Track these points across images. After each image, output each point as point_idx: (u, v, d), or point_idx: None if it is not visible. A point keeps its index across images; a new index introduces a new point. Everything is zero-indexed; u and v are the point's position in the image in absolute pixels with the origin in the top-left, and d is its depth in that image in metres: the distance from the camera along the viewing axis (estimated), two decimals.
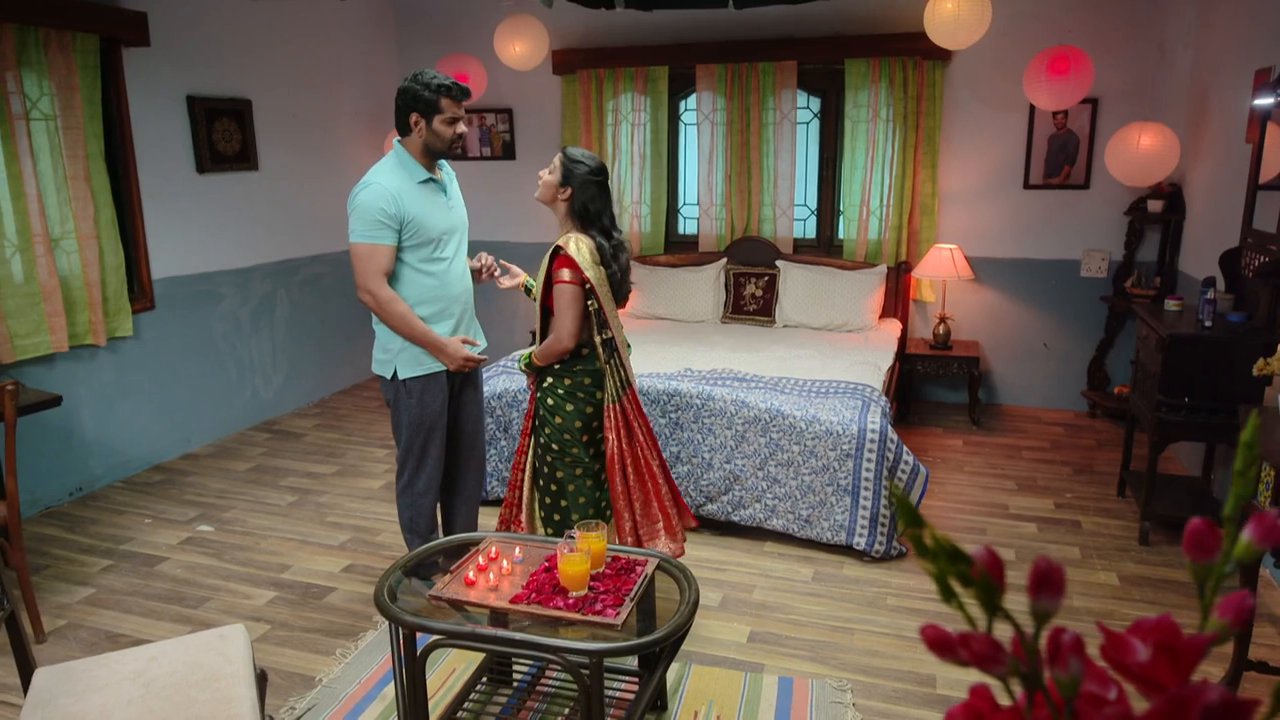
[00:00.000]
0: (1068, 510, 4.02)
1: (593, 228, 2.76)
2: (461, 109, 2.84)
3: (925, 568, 0.54)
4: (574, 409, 2.82)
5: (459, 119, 2.83)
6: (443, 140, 2.83)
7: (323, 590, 3.34)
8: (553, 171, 2.77)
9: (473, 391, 3.15)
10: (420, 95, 2.78)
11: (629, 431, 2.82)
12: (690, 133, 5.93)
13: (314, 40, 5.55)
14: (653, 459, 2.88)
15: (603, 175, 2.78)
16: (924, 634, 0.55)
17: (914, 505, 0.56)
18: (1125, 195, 5.08)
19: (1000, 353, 5.56)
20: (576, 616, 2.12)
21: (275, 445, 4.97)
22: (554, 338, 2.74)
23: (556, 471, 2.88)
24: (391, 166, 2.85)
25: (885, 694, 2.68)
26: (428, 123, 2.80)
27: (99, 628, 3.09)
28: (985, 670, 0.54)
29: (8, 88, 3.74)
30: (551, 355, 2.78)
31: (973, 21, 4.46)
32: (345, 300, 5.92)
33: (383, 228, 2.77)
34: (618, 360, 2.80)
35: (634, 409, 2.85)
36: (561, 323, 2.72)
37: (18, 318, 3.86)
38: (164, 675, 2.06)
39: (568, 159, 2.75)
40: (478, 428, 3.19)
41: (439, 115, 2.79)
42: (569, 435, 2.83)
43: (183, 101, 4.65)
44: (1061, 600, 0.54)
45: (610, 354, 2.77)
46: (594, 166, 2.75)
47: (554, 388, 2.82)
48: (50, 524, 3.94)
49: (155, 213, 4.54)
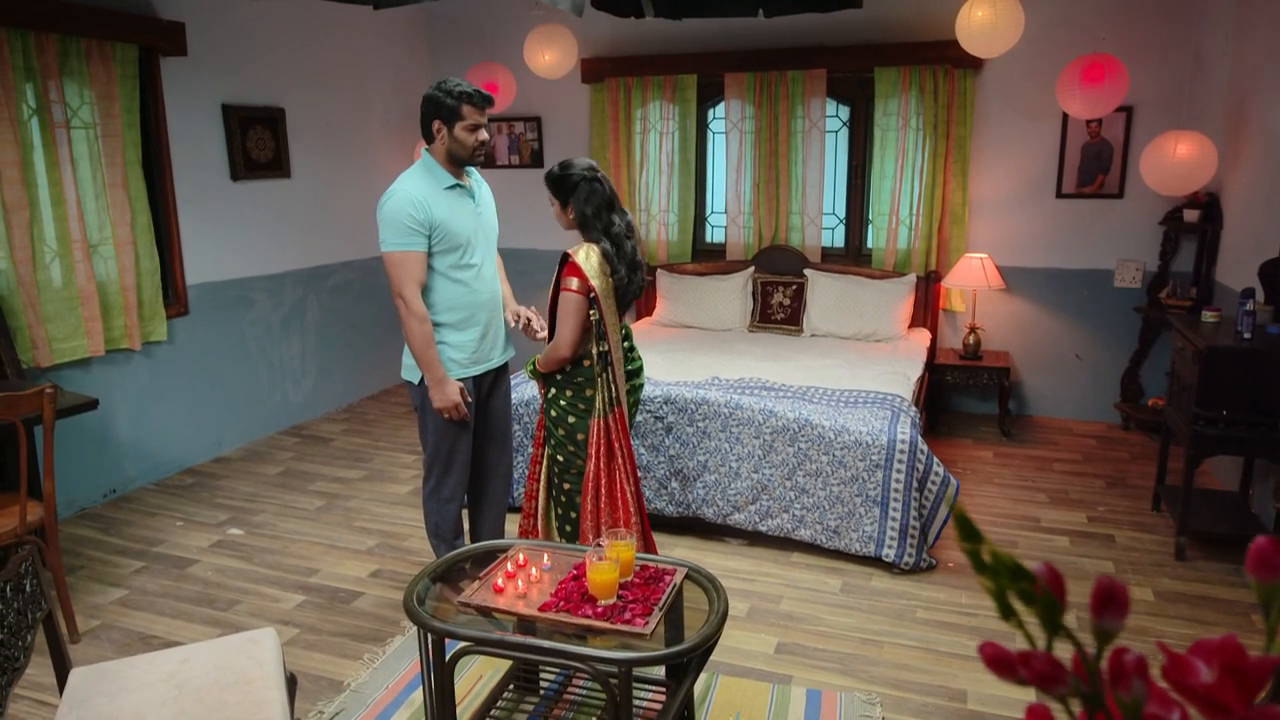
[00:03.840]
0: (1101, 524, 3.95)
1: (595, 232, 2.75)
2: (484, 116, 2.84)
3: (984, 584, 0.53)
4: (576, 421, 2.81)
5: (481, 126, 2.84)
6: (465, 147, 2.84)
7: (350, 595, 3.36)
8: (552, 203, 2.82)
9: (501, 399, 3.16)
10: (442, 102, 2.79)
11: (609, 452, 2.78)
12: (718, 141, 5.93)
13: (346, 49, 5.62)
14: (628, 485, 2.81)
15: (590, 173, 2.76)
16: (982, 652, 0.53)
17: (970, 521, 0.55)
18: (1160, 205, 5.01)
19: (1031, 363, 5.49)
20: (605, 625, 2.11)
21: (304, 450, 5.01)
22: (553, 345, 2.77)
23: (564, 482, 2.88)
24: (418, 174, 2.88)
25: (915, 708, 2.65)
26: (450, 130, 2.81)
27: (131, 629, 3.13)
28: (1045, 690, 0.53)
29: (50, 96, 3.82)
30: (551, 363, 2.79)
31: (1006, 29, 4.41)
32: (374, 306, 5.98)
33: (412, 234, 2.78)
34: (610, 375, 2.77)
35: (618, 429, 2.80)
36: (561, 331, 2.73)
37: (56, 322, 3.93)
38: (196, 677, 2.08)
39: (549, 181, 2.79)
40: (505, 435, 3.20)
41: (460, 122, 2.80)
42: (573, 447, 2.83)
43: (218, 110, 4.72)
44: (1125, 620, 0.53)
45: (604, 367, 2.76)
46: (579, 169, 2.75)
47: (557, 399, 2.83)
48: (85, 525, 4.00)
49: (190, 219, 4.61)
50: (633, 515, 2.81)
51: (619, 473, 2.79)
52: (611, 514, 2.79)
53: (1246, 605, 3.21)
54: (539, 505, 2.97)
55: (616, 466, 2.78)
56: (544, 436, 2.92)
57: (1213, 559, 3.59)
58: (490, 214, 3.06)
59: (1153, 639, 2.99)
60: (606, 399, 2.76)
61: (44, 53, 3.75)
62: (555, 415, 2.84)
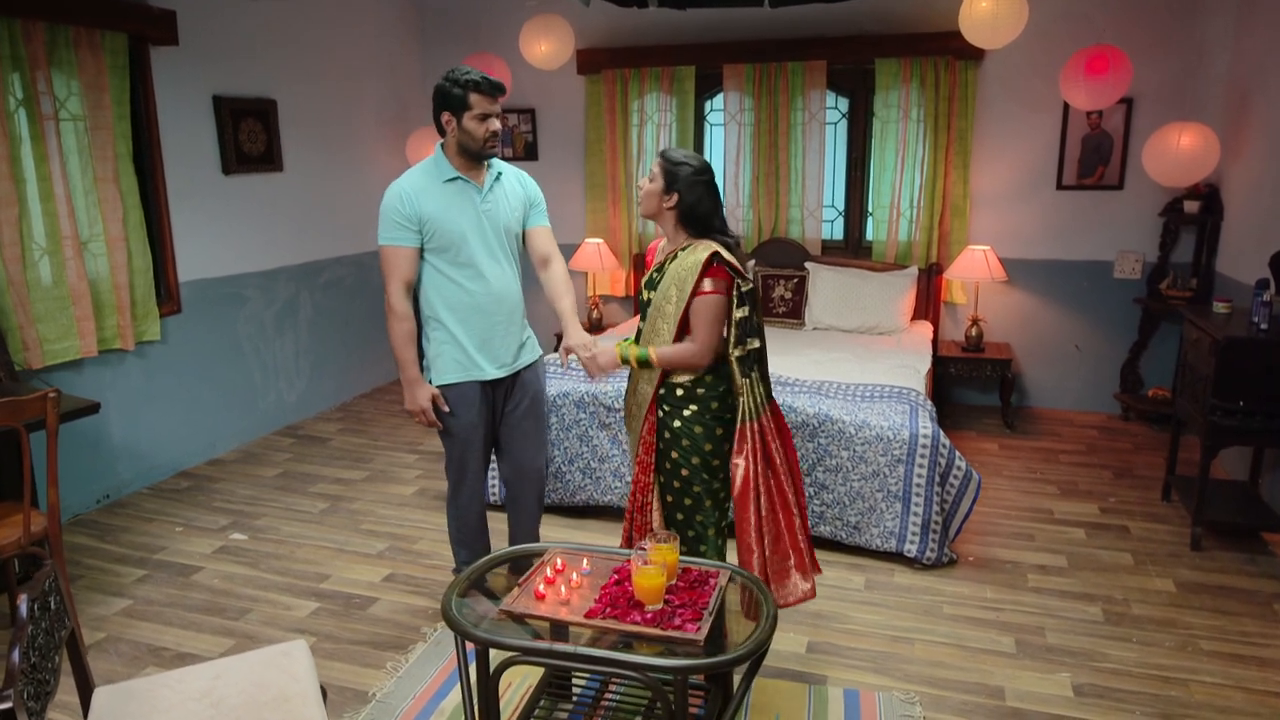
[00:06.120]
0: (1113, 515, 3.96)
1: (710, 231, 2.54)
2: (494, 105, 2.70)
3: None
4: (703, 431, 2.55)
5: (491, 115, 2.69)
6: (475, 138, 2.69)
7: (365, 601, 3.27)
8: (654, 179, 2.54)
9: (523, 406, 2.97)
10: (449, 92, 2.66)
11: (765, 456, 2.51)
12: (716, 133, 5.87)
13: (337, 40, 5.48)
14: (788, 488, 2.55)
15: (709, 174, 2.54)
16: None
17: None
18: (1160, 196, 5.03)
19: (1031, 355, 5.50)
20: (656, 632, 2.05)
21: (301, 450, 4.89)
22: (692, 350, 2.49)
23: (685, 499, 2.62)
24: (420, 168, 2.79)
25: (954, 707, 2.62)
26: (459, 121, 2.68)
27: (139, 640, 3.01)
28: None
29: (38, 87, 3.67)
30: (678, 365, 2.53)
31: (1010, 20, 4.39)
32: (366, 303, 5.85)
33: (399, 228, 2.71)
34: (759, 373, 2.52)
35: (774, 429, 2.55)
36: (703, 336, 2.49)
37: (47, 322, 3.78)
38: (232, 695, 1.99)
39: (669, 162, 2.52)
40: (531, 440, 3.02)
41: (469, 112, 2.66)
42: (698, 459, 2.57)
43: (209, 101, 4.57)
44: None
45: (751, 367, 2.49)
46: (698, 166, 2.52)
47: (680, 409, 2.56)
48: (80, 532, 3.86)
49: (182, 215, 4.46)
50: (795, 519, 2.55)
51: (778, 475, 2.52)
52: (773, 522, 2.52)
53: (1268, 595, 3.23)
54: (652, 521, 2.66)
55: (776, 470, 2.52)
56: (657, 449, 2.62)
57: (1227, 549, 3.61)
58: (506, 212, 2.84)
59: (1181, 631, 3.00)
60: (757, 398, 2.50)
61: (31, 41, 3.60)
62: (679, 426, 2.56)
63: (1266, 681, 2.72)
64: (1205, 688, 2.70)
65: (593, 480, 3.87)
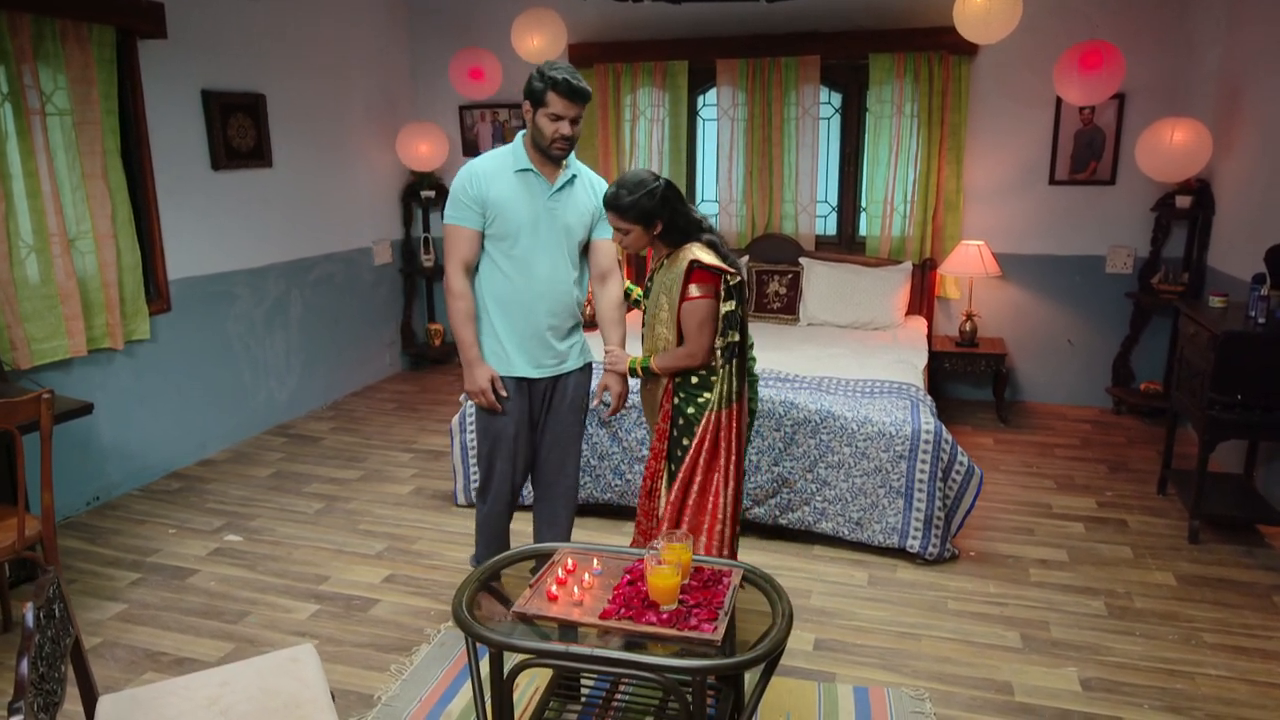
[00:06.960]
0: (1111, 509, 3.98)
1: (690, 235, 2.59)
2: (571, 108, 2.62)
3: None
4: (694, 412, 2.63)
5: (564, 118, 2.63)
6: (543, 136, 2.65)
7: (366, 602, 3.23)
8: (628, 231, 2.56)
9: (568, 411, 2.93)
10: (533, 84, 2.64)
11: (713, 449, 2.58)
12: (709, 128, 5.85)
13: (327, 34, 5.40)
14: (725, 490, 2.59)
15: (664, 181, 2.56)
16: None
17: None
18: (1152, 191, 5.06)
19: (1024, 349, 5.53)
20: (673, 633, 2.03)
21: (293, 450, 4.83)
22: (686, 354, 2.57)
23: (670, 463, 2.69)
24: (500, 153, 2.78)
25: (964, 703, 2.62)
26: (534, 114, 2.66)
27: (136, 645, 2.96)
28: None
29: (24, 81, 3.58)
30: (678, 369, 2.61)
31: (1003, 16, 4.40)
32: (356, 300, 5.79)
33: (464, 208, 2.70)
34: (733, 368, 2.57)
35: (728, 426, 2.58)
36: (697, 340, 2.55)
37: (35, 321, 3.70)
38: (241, 702, 1.95)
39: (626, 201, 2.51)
40: (568, 451, 2.98)
41: (544, 109, 2.62)
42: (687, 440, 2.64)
43: (198, 96, 4.49)
44: None
45: (730, 358, 2.55)
46: (652, 183, 2.53)
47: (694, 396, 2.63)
48: (71, 535, 3.79)
49: (171, 211, 4.39)
50: (719, 523, 2.59)
51: (717, 474, 2.61)
52: (696, 515, 2.60)
53: (1267, 587, 3.25)
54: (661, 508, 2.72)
55: (717, 467, 2.58)
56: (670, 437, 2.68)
57: (1224, 541, 3.64)
58: (572, 215, 2.77)
59: (1184, 624, 3.01)
60: (725, 390, 2.56)
61: (18, 34, 3.52)
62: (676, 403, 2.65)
63: (1270, 674, 2.74)
64: (1210, 680, 2.71)
65: (593, 479, 3.84)
